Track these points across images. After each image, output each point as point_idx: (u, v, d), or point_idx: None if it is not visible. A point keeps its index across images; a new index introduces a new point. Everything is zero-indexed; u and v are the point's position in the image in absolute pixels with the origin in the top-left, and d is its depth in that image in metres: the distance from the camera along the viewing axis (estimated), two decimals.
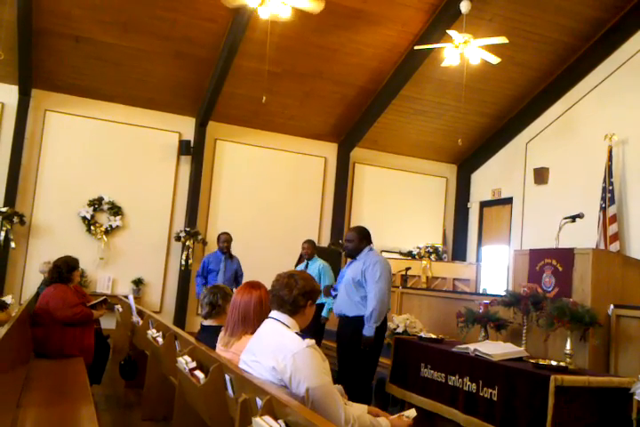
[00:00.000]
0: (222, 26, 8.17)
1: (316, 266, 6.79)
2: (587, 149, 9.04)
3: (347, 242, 4.94)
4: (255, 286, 3.26)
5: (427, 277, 8.31)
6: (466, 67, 7.97)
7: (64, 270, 5.18)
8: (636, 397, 2.90)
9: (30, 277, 8.54)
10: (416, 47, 8.09)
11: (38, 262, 7.86)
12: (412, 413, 2.74)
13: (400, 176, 11.23)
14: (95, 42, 8.30)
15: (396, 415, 2.73)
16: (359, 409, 2.62)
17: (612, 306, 4.03)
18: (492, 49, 7.43)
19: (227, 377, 2.61)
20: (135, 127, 9.49)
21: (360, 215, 10.90)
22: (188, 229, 9.42)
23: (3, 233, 8.46)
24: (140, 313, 5.62)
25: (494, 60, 7.56)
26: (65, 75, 8.83)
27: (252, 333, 2.84)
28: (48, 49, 8.35)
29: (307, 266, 6.90)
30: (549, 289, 4.29)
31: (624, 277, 4.20)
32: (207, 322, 3.80)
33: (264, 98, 7.87)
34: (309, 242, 7.04)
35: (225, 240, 7.49)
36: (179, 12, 7.93)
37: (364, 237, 4.90)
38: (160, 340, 4.20)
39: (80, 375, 4.27)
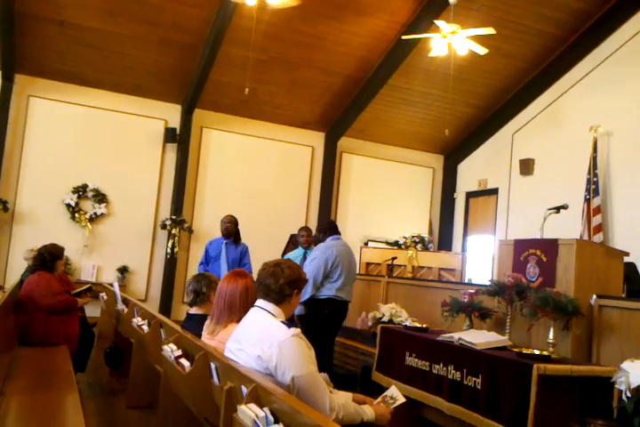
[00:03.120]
0: (209, 12, 8.09)
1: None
2: (572, 141, 9.09)
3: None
4: (241, 274, 3.26)
5: (412, 267, 8.34)
6: (453, 57, 7.97)
7: (47, 259, 5.14)
8: (617, 386, 2.94)
9: (14, 265, 8.47)
10: (404, 37, 8.06)
11: (22, 249, 7.80)
12: (393, 391, 2.77)
13: (387, 166, 11.23)
14: (80, 27, 8.18)
15: (379, 398, 2.76)
16: (344, 397, 2.63)
17: (594, 296, 4.07)
18: (480, 40, 7.43)
19: (212, 365, 2.61)
20: (120, 114, 9.39)
21: (347, 205, 10.91)
22: (173, 218, 9.37)
23: None
24: (125, 301, 5.60)
25: (481, 50, 7.55)
26: (49, 60, 8.71)
27: (238, 321, 2.84)
28: (32, 34, 8.22)
29: (305, 256, 6.24)
30: (533, 279, 4.32)
31: (607, 267, 4.24)
32: (193, 310, 3.80)
33: (247, 89, 7.83)
34: (307, 229, 6.39)
35: (226, 222, 6.57)
36: None
37: (325, 228, 5.49)
38: (145, 328, 4.19)
39: (64, 363, 4.26)
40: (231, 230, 6.58)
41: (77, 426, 2.84)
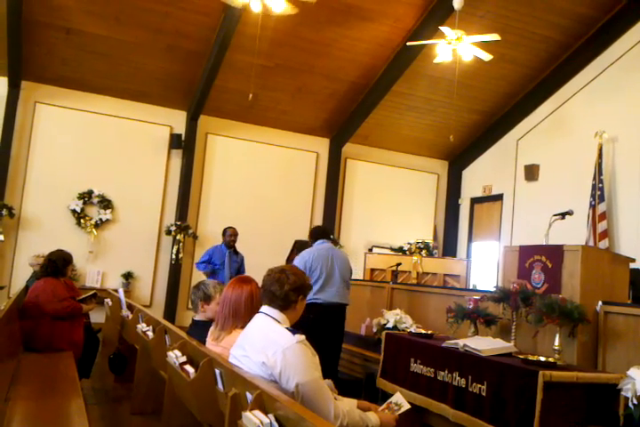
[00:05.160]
0: (214, 19, 8.13)
1: None
2: (577, 147, 9.08)
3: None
4: (246, 280, 3.26)
5: (417, 273, 8.33)
6: (458, 63, 7.98)
7: (60, 265, 5.17)
8: (623, 393, 2.93)
9: (19, 270, 8.48)
10: (408, 43, 8.08)
11: (27, 255, 7.80)
12: (398, 398, 2.76)
13: (392, 172, 11.24)
14: (86, 34, 8.23)
15: (384, 404, 2.75)
16: (349, 404, 2.62)
17: (600, 302, 4.05)
18: (484, 46, 7.44)
19: (217, 372, 2.61)
20: (126, 120, 9.43)
21: (351, 211, 10.91)
22: (178, 223, 9.39)
23: None
24: (130, 307, 5.59)
25: (486, 56, 7.56)
26: (55, 67, 8.76)
27: (243, 327, 2.83)
28: (38, 41, 8.27)
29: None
30: (539, 285, 4.31)
31: (612, 273, 4.22)
32: (198, 317, 3.79)
33: (250, 95, 7.86)
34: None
35: (232, 234, 7.49)
36: (170, 5, 7.89)
37: (315, 234, 5.67)
38: (150, 334, 4.18)
39: (69, 369, 4.26)
40: (236, 242, 7.49)
41: None
